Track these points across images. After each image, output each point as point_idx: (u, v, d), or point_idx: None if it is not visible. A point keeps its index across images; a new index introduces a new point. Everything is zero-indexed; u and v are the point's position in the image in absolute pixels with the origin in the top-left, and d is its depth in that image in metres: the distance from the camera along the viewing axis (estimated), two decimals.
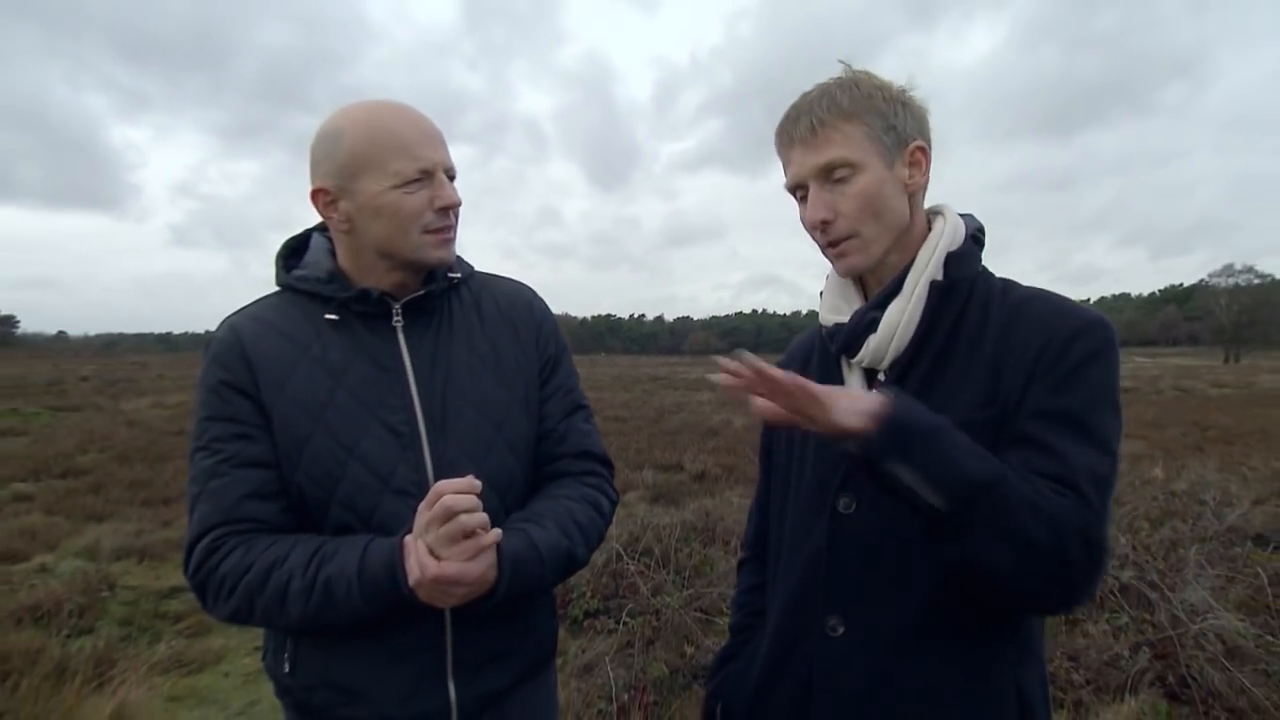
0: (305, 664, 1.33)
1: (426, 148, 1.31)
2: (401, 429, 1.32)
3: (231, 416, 1.30)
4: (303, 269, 1.40)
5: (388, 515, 1.28)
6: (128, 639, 4.58)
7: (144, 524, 7.42)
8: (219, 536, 1.26)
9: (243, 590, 1.24)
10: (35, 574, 5.95)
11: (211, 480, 1.28)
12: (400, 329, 1.37)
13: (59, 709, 3.55)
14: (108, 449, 12.22)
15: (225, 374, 1.31)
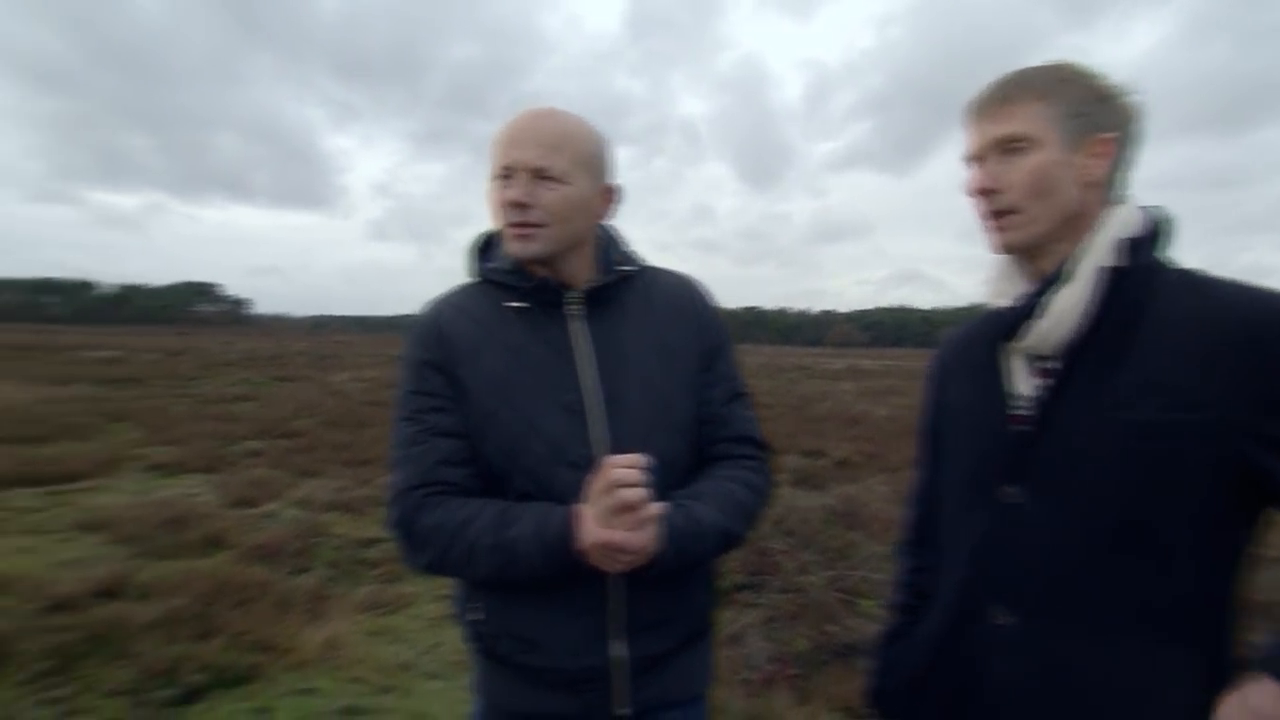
0: (493, 614, 1.41)
1: (512, 147, 1.35)
2: (575, 407, 1.37)
3: (429, 390, 1.39)
4: (492, 261, 1.47)
5: (562, 485, 1.33)
6: (335, 580, 4.95)
7: (347, 482, 7.98)
8: (418, 496, 1.34)
9: (438, 544, 1.32)
10: (264, 518, 6.53)
11: (412, 446, 1.37)
12: (575, 316, 1.42)
13: (284, 633, 3.89)
14: (317, 415, 13.20)
15: (425, 353, 1.40)
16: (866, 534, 5.53)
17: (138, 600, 4.31)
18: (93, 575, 4.59)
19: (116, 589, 4.45)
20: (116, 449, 9.50)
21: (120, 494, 7.35)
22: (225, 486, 7.62)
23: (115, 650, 3.69)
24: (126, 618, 3.98)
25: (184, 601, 4.20)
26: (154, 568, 5.00)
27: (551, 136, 1.35)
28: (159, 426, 11.39)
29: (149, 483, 8.01)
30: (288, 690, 3.49)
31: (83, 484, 7.67)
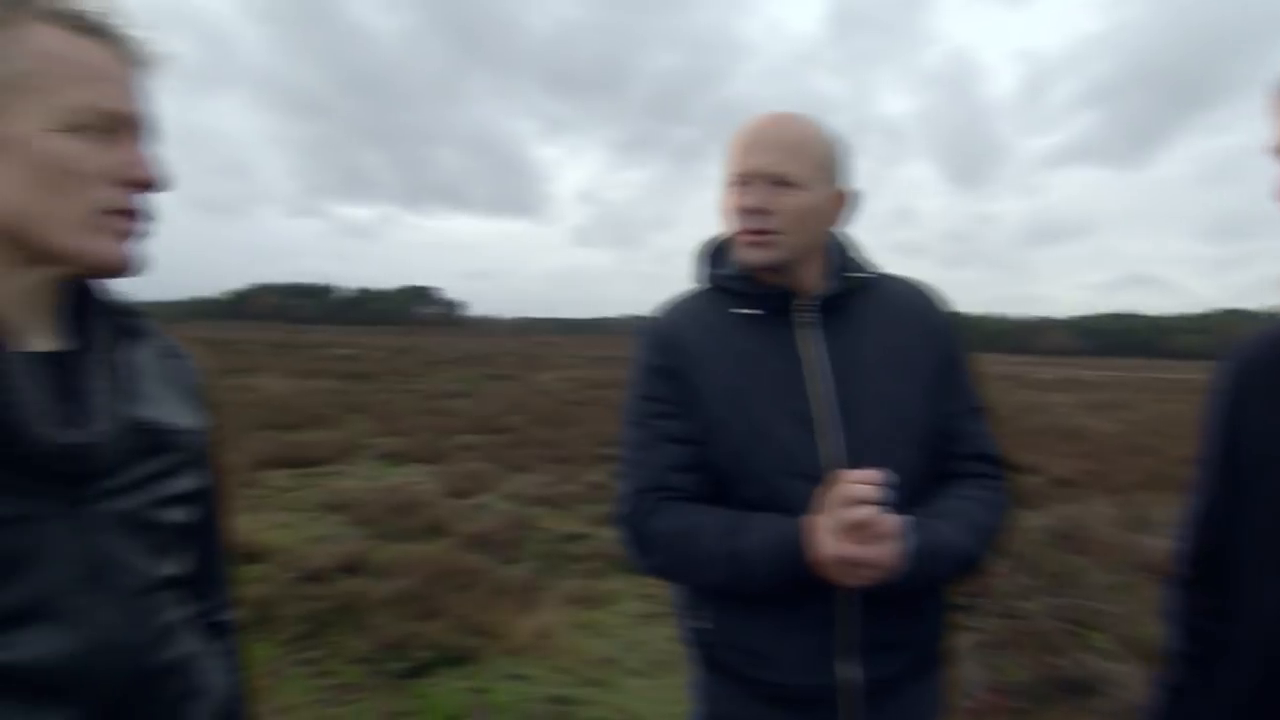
0: (719, 623, 1.40)
1: (749, 153, 1.33)
2: (805, 418, 1.33)
3: (660, 396, 1.40)
4: (722, 267, 1.46)
5: (791, 496, 1.30)
6: (543, 572, 5.18)
7: (553, 478, 8.36)
8: (648, 500, 1.35)
9: (667, 549, 1.33)
10: (478, 509, 6.97)
11: (641, 450, 1.39)
12: (807, 325, 1.38)
13: (499, 620, 4.12)
14: (525, 413, 13.93)
15: (656, 358, 1.41)
16: (1092, 560, 5.06)
17: (374, 577, 4.73)
18: (338, 551, 5.09)
19: (357, 565, 4.90)
20: (353, 438, 10.49)
21: (356, 479, 8.11)
22: (444, 477, 8.20)
23: (356, 621, 4.07)
24: (365, 593, 4.38)
25: (412, 582, 4.56)
26: (386, 549, 5.46)
27: (790, 142, 1.33)
28: (387, 419, 12.46)
29: (380, 470, 8.78)
30: (502, 674, 3.68)
31: (327, 468, 8.54)
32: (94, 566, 0.80)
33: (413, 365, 26.38)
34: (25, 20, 0.77)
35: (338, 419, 12.22)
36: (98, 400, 0.82)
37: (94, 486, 0.81)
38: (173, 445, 0.91)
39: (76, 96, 0.78)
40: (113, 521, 0.82)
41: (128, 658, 0.82)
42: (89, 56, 0.80)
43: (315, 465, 8.54)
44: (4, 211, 0.78)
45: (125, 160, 0.82)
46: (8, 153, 0.77)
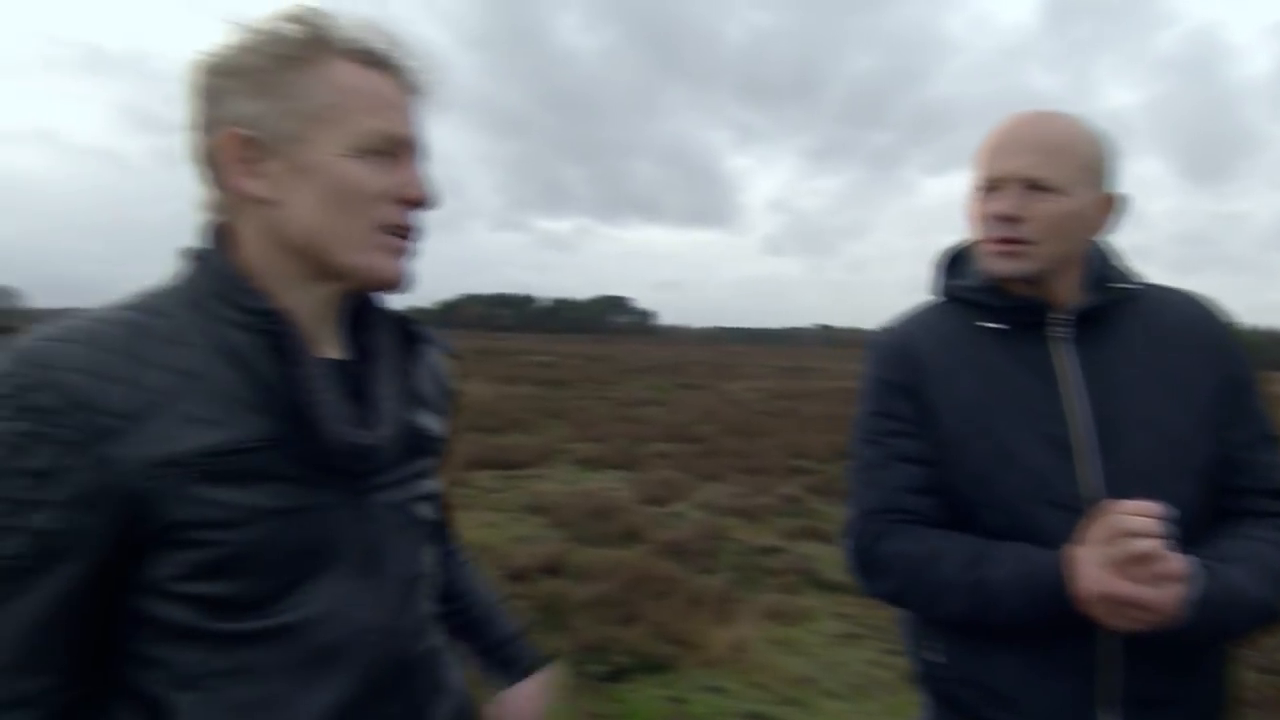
0: (955, 658, 1.29)
1: (1001, 156, 1.24)
2: (1061, 441, 1.20)
3: (893, 414, 1.32)
4: (962, 278, 1.36)
5: (1043, 525, 1.18)
6: (738, 584, 5.13)
7: (745, 488, 8.29)
8: (881, 522, 1.28)
9: (900, 575, 1.25)
10: (671, 518, 7.03)
11: (873, 470, 1.32)
12: (1061, 340, 1.26)
13: (695, 630, 4.11)
14: (716, 422, 13.94)
15: (890, 373, 1.34)
16: None
17: (574, 580, 4.87)
18: (540, 552, 5.29)
19: (557, 567, 5.08)
20: (552, 443, 10.93)
21: (555, 483, 8.43)
22: (638, 484, 8.35)
23: (557, 622, 4.20)
24: (566, 595, 4.52)
25: (610, 587, 4.65)
26: (584, 552, 5.62)
27: (1048, 142, 1.21)
28: (583, 425, 12.89)
29: (577, 475, 9.08)
30: (699, 686, 3.66)
31: (528, 471, 8.94)
32: (370, 554, 0.87)
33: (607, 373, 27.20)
34: (327, 57, 0.84)
35: (537, 424, 12.78)
36: (385, 405, 0.89)
37: (372, 481, 0.88)
38: (430, 448, 0.98)
39: (367, 124, 0.85)
40: (387, 514, 0.89)
41: (394, 642, 0.89)
42: (377, 87, 0.86)
43: (518, 468, 8.97)
44: (301, 230, 0.85)
45: (404, 180, 0.88)
46: (306, 177, 0.84)
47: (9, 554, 0.73)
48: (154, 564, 0.78)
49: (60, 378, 0.74)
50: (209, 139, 0.85)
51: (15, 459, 0.73)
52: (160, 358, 0.79)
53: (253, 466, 0.79)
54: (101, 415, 0.74)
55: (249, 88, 0.83)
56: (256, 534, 0.79)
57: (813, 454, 10.57)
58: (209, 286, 0.84)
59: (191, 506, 0.77)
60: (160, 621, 0.80)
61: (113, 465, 0.74)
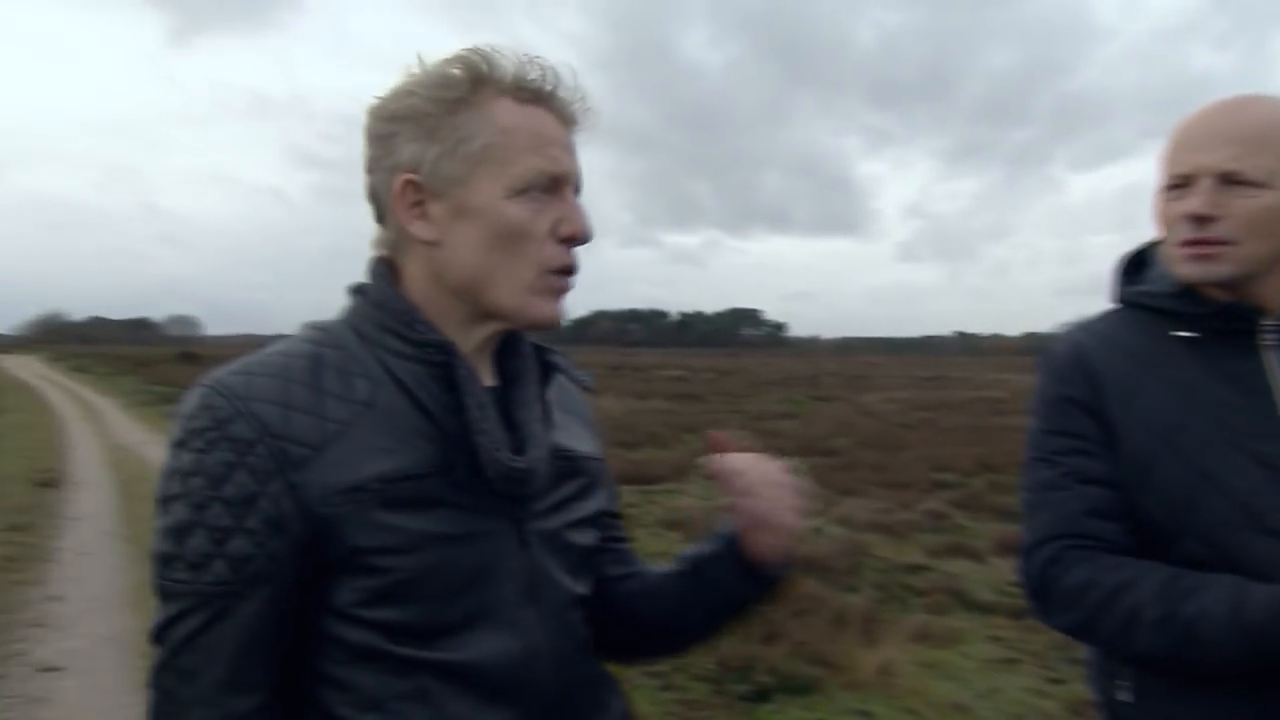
0: (1148, 698, 1.18)
1: (1191, 150, 1.14)
2: (1275, 462, 1.08)
3: (1071, 431, 1.22)
4: (1146, 284, 1.25)
5: (1255, 555, 1.06)
6: (883, 603, 4.95)
7: (885, 504, 8.01)
8: (1060, 548, 1.19)
9: (1085, 607, 1.14)
10: (810, 533, 6.88)
11: (1050, 492, 1.22)
12: (1271, 348, 1.13)
13: (840, 651, 4.00)
14: (852, 435, 13.57)
15: (1066, 388, 1.24)
16: None
17: None
18: None
19: None
20: (686, 457, 10.93)
21: (691, 498, 8.41)
22: None
23: None
24: None
25: None
26: None
27: (1247, 132, 1.10)
28: None
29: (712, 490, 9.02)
30: (846, 709, 3.55)
31: (663, 486, 8.98)
32: (531, 580, 0.88)
33: (739, 386, 27.03)
34: (488, 97, 0.85)
35: (671, 439, 12.83)
36: (532, 430, 0.89)
37: (529, 508, 0.89)
38: (581, 471, 0.97)
39: (529, 163, 0.84)
40: (543, 540, 0.90)
41: (558, 667, 0.89)
42: (538, 124, 0.86)
43: (652, 483, 9.02)
44: (461, 272, 0.86)
45: (564, 217, 0.87)
46: (469, 219, 0.85)
47: (214, 579, 0.78)
48: (338, 589, 0.82)
49: (253, 409, 0.78)
50: (379, 182, 0.88)
51: (215, 488, 0.78)
52: (338, 388, 0.83)
53: (424, 493, 0.81)
54: (290, 444, 0.79)
55: (415, 132, 0.84)
56: (426, 560, 0.81)
57: (957, 467, 10.11)
58: (377, 319, 0.87)
59: (370, 532, 0.79)
60: (347, 644, 0.83)
61: (300, 492, 0.78)
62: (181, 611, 0.79)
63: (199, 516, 0.78)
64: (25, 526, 6.64)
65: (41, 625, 4.48)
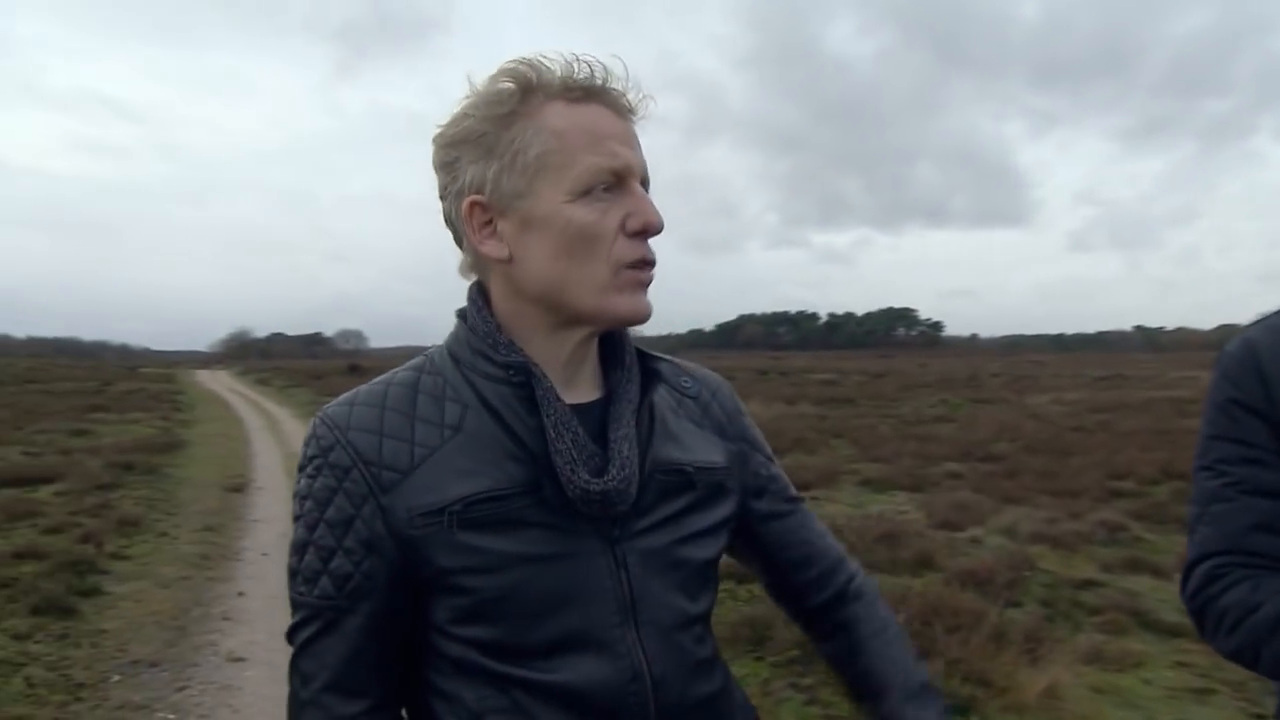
0: None
1: None
2: None
3: (1241, 438, 1.11)
4: None
5: None
6: (1050, 620, 4.64)
7: (1053, 513, 7.51)
8: (1221, 565, 1.09)
9: (1248, 630, 1.04)
10: (969, 543, 6.55)
11: (1214, 504, 1.12)
12: None
13: (1000, 670, 3.78)
14: (1017, 439, 12.81)
15: (1236, 391, 1.13)
16: None
17: None
18: None
19: None
20: (835, 463, 10.68)
21: (839, 505, 8.22)
22: (929, 506, 7.89)
23: None
24: None
25: (901, 617, 4.41)
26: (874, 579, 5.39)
27: None
28: (868, 444, 12.45)
29: (862, 497, 8.79)
30: None
31: (810, 493, 8.80)
32: (631, 601, 0.87)
33: (892, 389, 26.14)
34: (538, 104, 0.85)
35: (819, 444, 12.56)
36: (623, 446, 0.88)
37: (627, 527, 0.88)
38: (695, 483, 0.94)
39: (587, 162, 0.84)
40: (645, 559, 0.89)
41: (662, 690, 0.87)
42: (592, 121, 0.85)
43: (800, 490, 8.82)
44: (538, 283, 0.87)
45: (632, 210, 0.86)
46: (536, 230, 0.86)
47: (322, 594, 0.85)
48: (434, 606, 0.86)
49: (350, 437, 0.85)
50: (450, 208, 0.90)
51: (321, 511, 0.85)
52: (430, 414, 0.87)
53: (507, 514, 0.84)
54: (381, 469, 0.84)
55: (474, 153, 0.86)
56: (511, 580, 0.83)
57: (1136, 474, 9.34)
58: (471, 343, 0.89)
59: (452, 553, 0.83)
60: (449, 658, 0.87)
61: (389, 515, 0.83)
62: (301, 619, 0.87)
63: (310, 536, 0.85)
64: (216, 528, 7.34)
65: (230, 619, 4.94)
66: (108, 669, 4.12)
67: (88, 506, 7.73)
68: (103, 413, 18.60)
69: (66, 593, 5.02)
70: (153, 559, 6.18)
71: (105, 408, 19.91)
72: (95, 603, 5.09)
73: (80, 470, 9.59)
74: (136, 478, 9.61)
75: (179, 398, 25.77)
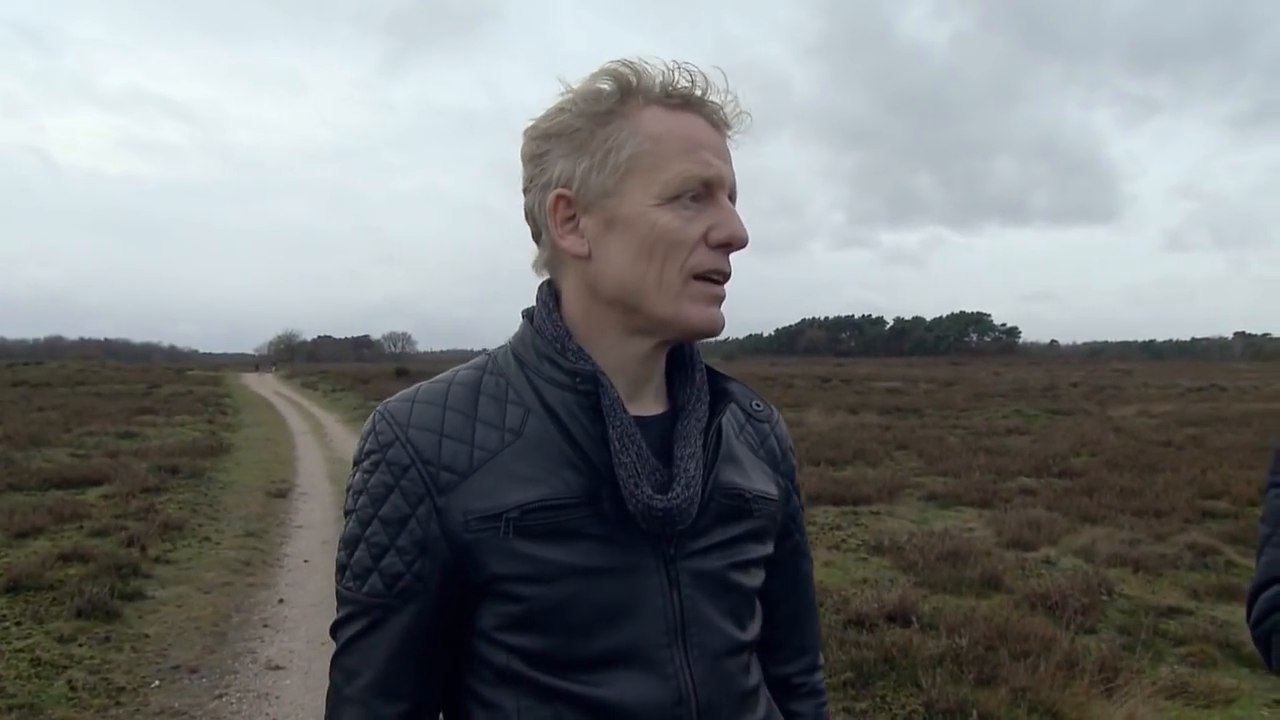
0: None
1: None
2: None
3: None
4: None
5: None
6: (1129, 649, 4.50)
7: (1136, 533, 7.29)
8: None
9: None
10: (1041, 564, 6.39)
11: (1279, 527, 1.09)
12: None
13: (1070, 701, 3.68)
14: (1097, 453, 12.47)
15: None
16: None
17: (924, 630, 4.61)
18: (886, 598, 5.09)
19: (905, 615, 4.84)
20: (898, 476, 10.51)
21: (901, 520, 8.09)
22: (999, 524, 7.72)
23: (905, 676, 4.00)
24: (915, 646, 4.29)
25: (966, 641, 4.33)
26: (935, 600, 5.30)
27: None
28: (935, 457, 12.24)
29: (926, 512, 8.64)
30: None
31: (872, 507, 8.69)
32: (682, 622, 0.88)
33: (961, 398, 25.63)
34: (636, 107, 0.88)
35: (883, 456, 12.39)
36: (689, 465, 0.88)
37: (683, 546, 0.89)
38: (752, 511, 0.95)
39: (679, 169, 0.86)
40: (698, 581, 0.90)
41: (708, 716, 0.88)
42: (688, 129, 0.88)
43: (860, 504, 8.75)
44: (614, 283, 0.89)
45: (718, 222, 0.88)
46: (619, 230, 0.87)
47: (371, 591, 0.87)
48: (482, 612, 0.87)
49: (410, 435, 0.86)
50: (534, 201, 0.92)
51: (375, 507, 0.86)
52: (491, 415, 0.88)
53: (564, 523, 0.85)
54: (440, 470, 0.86)
55: (566, 148, 0.88)
56: (563, 590, 0.84)
57: (1230, 494, 9.01)
58: (537, 345, 0.91)
59: (506, 559, 0.84)
60: (492, 665, 0.88)
61: (445, 516, 0.85)
62: (348, 615, 0.89)
63: (363, 532, 0.87)
64: (258, 533, 7.53)
65: (270, 626, 5.07)
66: (148, 674, 4.26)
67: (133, 510, 8.00)
68: (150, 415, 19.26)
69: (110, 596, 5.20)
70: (195, 564, 6.37)
71: (153, 410, 20.62)
72: (138, 606, 5.27)
73: (127, 473, 9.93)
74: (181, 481, 9.93)
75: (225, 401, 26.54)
